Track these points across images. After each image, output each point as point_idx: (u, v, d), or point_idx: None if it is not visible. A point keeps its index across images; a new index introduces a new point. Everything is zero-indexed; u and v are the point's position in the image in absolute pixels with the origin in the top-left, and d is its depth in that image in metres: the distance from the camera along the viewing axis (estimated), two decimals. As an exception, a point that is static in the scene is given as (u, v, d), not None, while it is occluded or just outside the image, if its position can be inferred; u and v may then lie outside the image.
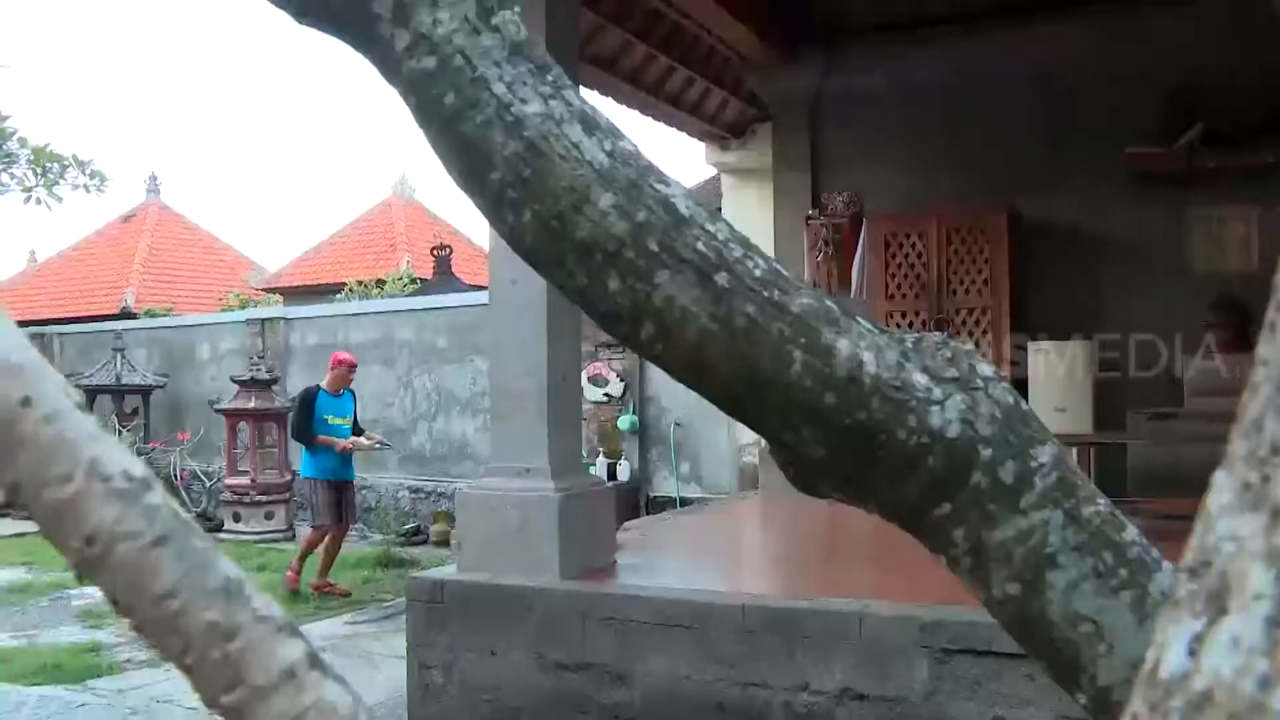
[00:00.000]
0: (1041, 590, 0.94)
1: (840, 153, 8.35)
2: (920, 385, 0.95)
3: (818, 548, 6.70)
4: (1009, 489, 0.94)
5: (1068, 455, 0.98)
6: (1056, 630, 0.93)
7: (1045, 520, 0.93)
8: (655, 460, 10.23)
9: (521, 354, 5.43)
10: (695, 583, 5.10)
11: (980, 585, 0.99)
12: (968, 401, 0.95)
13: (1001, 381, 0.97)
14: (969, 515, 0.95)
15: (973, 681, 4.22)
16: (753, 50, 8.10)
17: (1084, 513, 0.94)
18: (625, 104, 8.85)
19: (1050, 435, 0.98)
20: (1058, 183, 7.63)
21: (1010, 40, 7.80)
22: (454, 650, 5.27)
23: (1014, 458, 0.95)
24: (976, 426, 0.95)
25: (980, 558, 0.96)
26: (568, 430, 5.59)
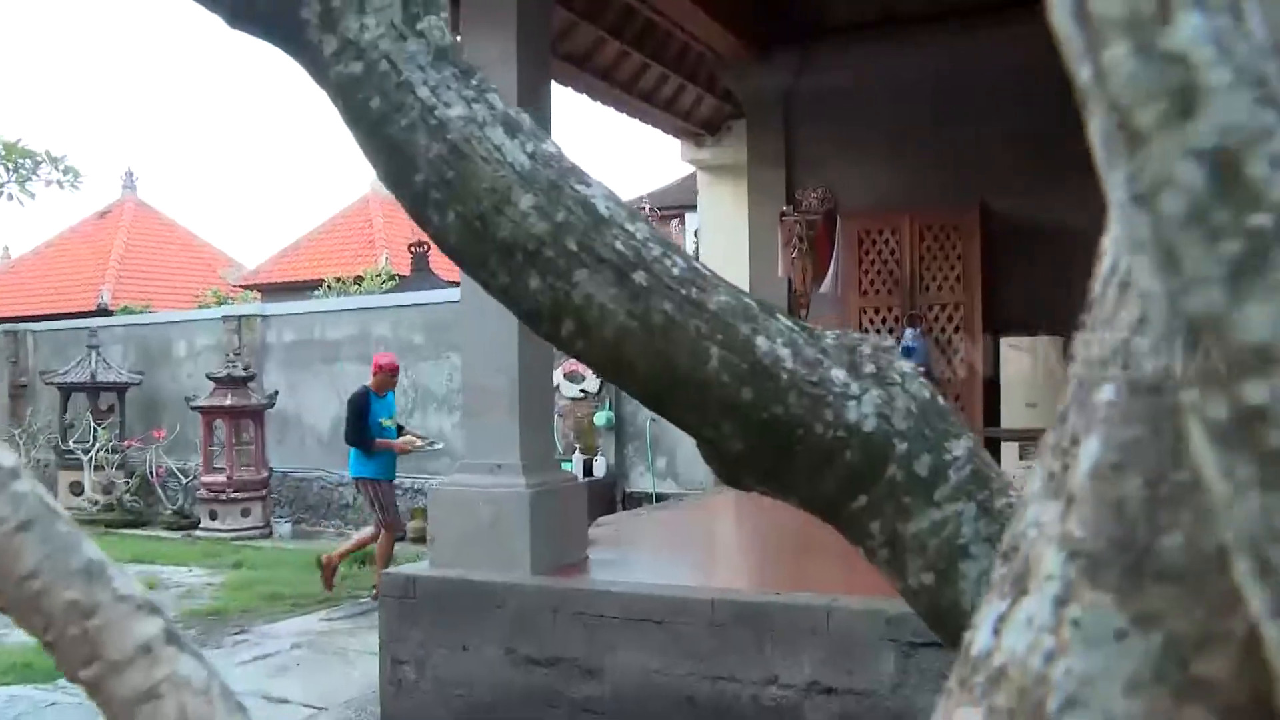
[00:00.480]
0: (954, 580, 0.96)
1: (814, 150, 8.38)
2: (838, 381, 0.97)
3: (788, 543, 6.74)
4: (924, 482, 0.96)
5: (981, 449, 1.01)
6: (968, 619, 0.96)
7: (959, 512, 0.95)
8: (631, 456, 10.25)
9: (493, 352, 5.45)
10: (666, 578, 5.14)
11: (897, 575, 1.01)
12: (884, 397, 0.98)
13: (919, 378, 1.00)
14: (885, 508, 0.97)
15: (938, 674, 4.24)
16: (727, 47, 8.13)
17: (996, 504, 0.97)
18: (599, 100, 8.87)
19: (965, 429, 1.00)
20: (1030, 180, 7.68)
21: (984, 39, 7.84)
22: (426, 646, 5.29)
23: (929, 451, 0.97)
24: (892, 421, 0.97)
25: (896, 549, 0.98)
26: (539, 427, 5.62)
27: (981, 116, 7.88)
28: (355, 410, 8.32)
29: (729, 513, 7.70)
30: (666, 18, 7.62)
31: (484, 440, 5.41)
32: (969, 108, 7.93)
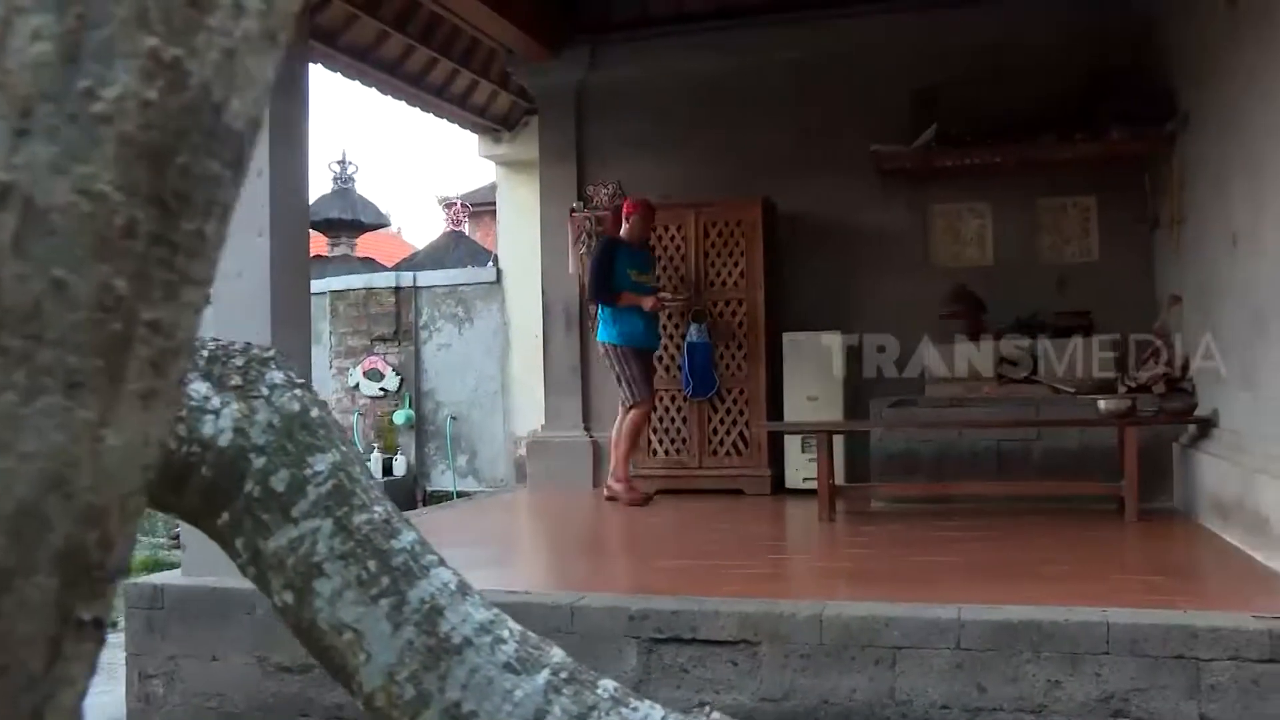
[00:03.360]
0: (311, 598, 0.95)
1: (605, 145, 8.41)
2: (198, 395, 0.94)
3: (545, 541, 6.77)
4: (281, 497, 0.94)
5: (354, 462, 0.99)
6: (326, 638, 0.94)
7: (315, 529, 0.94)
8: (432, 454, 10.12)
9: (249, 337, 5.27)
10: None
11: (266, 593, 0.99)
12: (244, 410, 0.95)
13: (292, 390, 0.97)
14: (245, 524, 0.95)
15: (680, 669, 4.30)
16: (517, 42, 8.07)
17: (355, 521, 0.95)
18: (390, 95, 8.71)
19: (336, 443, 0.98)
20: (811, 177, 7.86)
21: (768, 37, 8.01)
22: (175, 658, 5.09)
23: (288, 466, 0.95)
24: (250, 435, 0.95)
25: (260, 566, 0.96)
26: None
27: (765, 113, 8.03)
28: (597, 258, 7.19)
29: (501, 513, 7.67)
30: (452, 13, 7.51)
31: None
32: (753, 104, 8.07)
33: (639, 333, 7.13)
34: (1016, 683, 3.60)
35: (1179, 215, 6.51)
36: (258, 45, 0.51)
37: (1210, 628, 3.42)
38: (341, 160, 15.21)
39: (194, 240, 0.52)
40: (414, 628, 0.90)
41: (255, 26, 0.49)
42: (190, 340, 0.54)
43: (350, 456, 0.99)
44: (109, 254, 0.46)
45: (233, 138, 0.51)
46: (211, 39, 0.48)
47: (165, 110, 0.47)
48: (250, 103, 0.52)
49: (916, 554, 5.22)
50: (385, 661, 0.90)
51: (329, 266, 13.09)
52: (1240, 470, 4.94)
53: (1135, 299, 7.17)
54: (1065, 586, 4.18)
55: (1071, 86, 7.24)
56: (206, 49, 0.49)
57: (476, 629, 0.97)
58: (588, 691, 1.00)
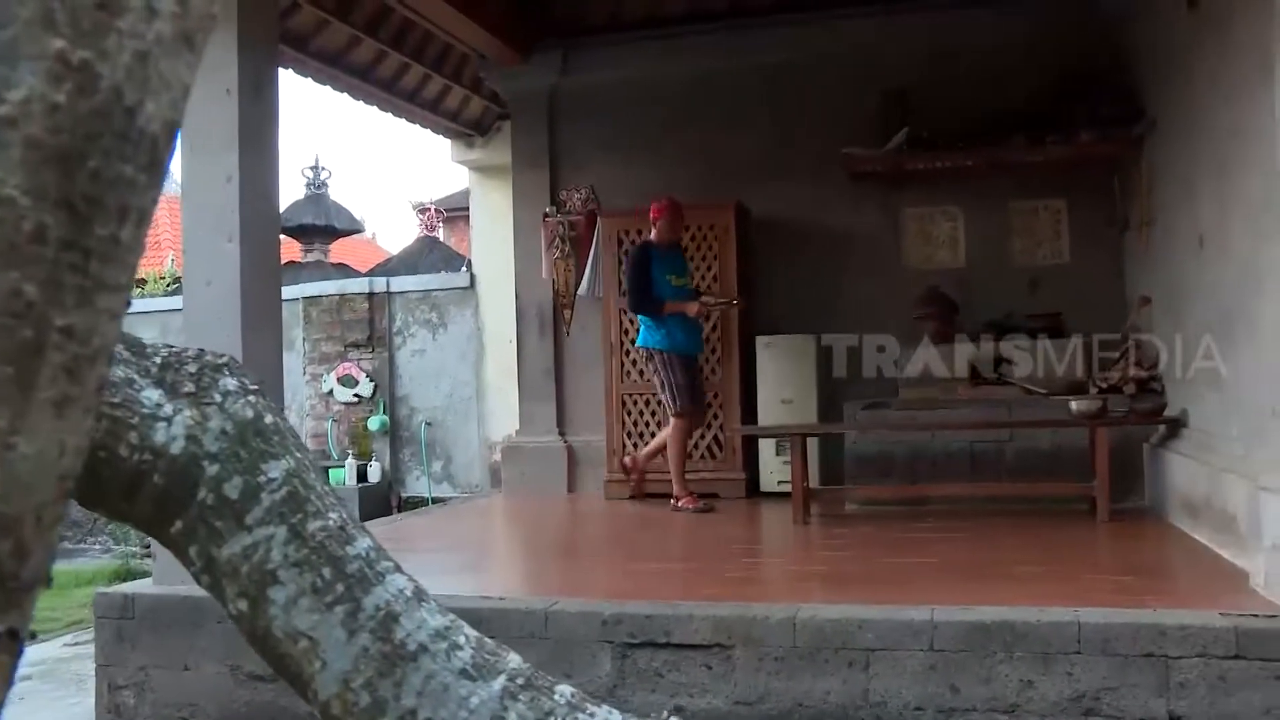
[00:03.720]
0: (265, 607, 0.94)
1: (578, 150, 8.40)
2: (150, 402, 0.93)
3: (520, 546, 6.76)
4: (234, 505, 0.93)
5: (309, 469, 0.98)
6: (282, 646, 0.94)
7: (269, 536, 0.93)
8: (407, 460, 10.08)
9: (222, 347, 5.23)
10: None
11: (220, 601, 0.98)
12: (197, 418, 0.94)
13: (247, 396, 0.96)
14: (198, 532, 0.94)
15: (654, 673, 4.29)
16: (490, 48, 8.05)
17: (309, 528, 0.94)
18: (362, 100, 8.69)
19: (290, 450, 0.97)
20: (784, 181, 7.88)
21: (739, 41, 8.03)
22: (146, 668, 5.05)
23: (242, 473, 0.94)
24: (203, 443, 0.94)
25: (214, 574, 0.95)
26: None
27: (739, 117, 8.04)
28: (633, 267, 6.92)
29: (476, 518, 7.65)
30: (423, 17, 7.49)
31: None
32: (727, 108, 8.09)
33: (681, 338, 6.92)
34: (989, 683, 3.61)
35: (1148, 217, 6.56)
36: (172, 48, 0.50)
37: (1179, 626, 3.44)
38: (315, 166, 15.14)
39: (108, 245, 0.51)
40: (369, 634, 0.89)
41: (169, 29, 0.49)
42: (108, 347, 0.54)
43: (305, 463, 0.99)
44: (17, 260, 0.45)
45: (147, 141, 0.51)
46: (122, 41, 0.48)
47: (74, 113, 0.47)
48: (166, 106, 0.51)
49: (890, 556, 5.23)
50: (340, 669, 0.89)
51: (302, 272, 13.03)
52: (1208, 469, 4.98)
53: (1106, 300, 7.22)
54: (1037, 587, 4.20)
55: (1041, 90, 7.29)
56: (117, 51, 0.48)
57: (432, 635, 0.96)
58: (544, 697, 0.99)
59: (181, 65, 0.51)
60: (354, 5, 7.51)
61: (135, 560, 9.82)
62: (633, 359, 7.76)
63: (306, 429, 10.43)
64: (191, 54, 0.53)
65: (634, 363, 7.76)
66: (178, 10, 0.50)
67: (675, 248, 7.11)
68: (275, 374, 5.52)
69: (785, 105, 8.02)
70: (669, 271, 6.95)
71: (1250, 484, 4.01)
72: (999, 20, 7.49)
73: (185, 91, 0.53)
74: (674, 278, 6.97)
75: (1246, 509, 4.03)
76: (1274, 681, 3.31)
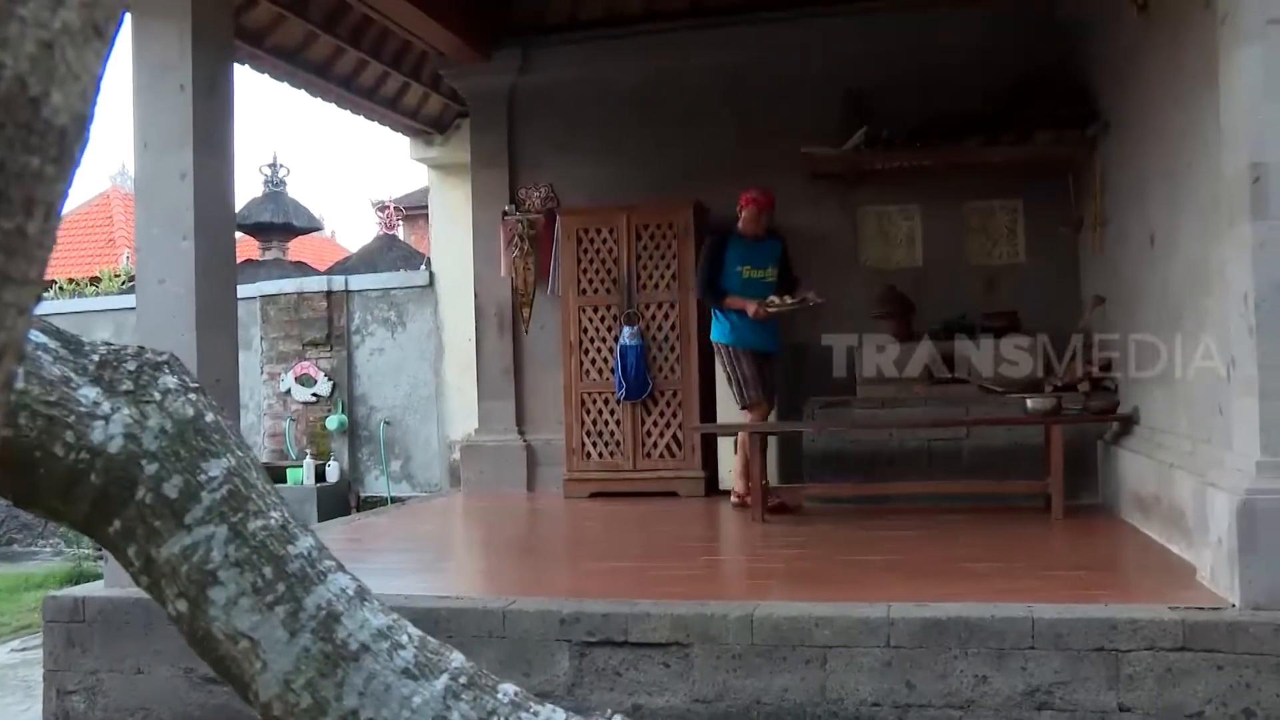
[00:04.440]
0: (205, 608, 0.93)
1: (537, 148, 8.39)
2: (87, 401, 0.92)
3: (479, 545, 6.73)
4: (173, 504, 0.92)
5: (251, 467, 0.97)
6: (222, 647, 0.93)
7: (209, 536, 0.92)
8: (366, 460, 10.02)
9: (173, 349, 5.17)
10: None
11: (160, 603, 0.97)
12: (136, 416, 0.93)
13: (187, 394, 0.95)
14: (137, 531, 0.93)
15: (613, 672, 4.29)
16: (448, 45, 8.01)
17: (250, 527, 0.93)
18: (320, 97, 8.62)
19: (231, 448, 0.96)
20: (744, 179, 7.86)
21: (700, 40, 8.05)
22: (97, 673, 4.98)
23: (182, 472, 0.93)
24: (142, 441, 0.93)
25: (153, 574, 0.94)
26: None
27: (697, 116, 8.06)
28: (706, 252, 6.69)
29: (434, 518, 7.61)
30: (382, 14, 7.43)
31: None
32: (685, 107, 8.10)
33: (746, 334, 6.68)
34: (945, 679, 3.64)
35: (1101, 217, 6.64)
36: (79, 37, 0.49)
37: (1129, 620, 3.49)
38: (273, 163, 15.00)
39: (14, 239, 0.50)
40: (310, 634, 0.88)
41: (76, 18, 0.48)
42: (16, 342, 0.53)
43: (246, 461, 0.98)
44: (-83, 252, 0.44)
45: (54, 133, 0.50)
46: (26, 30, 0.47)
47: (-27, 104, 0.46)
48: (75, 97, 0.50)
49: (848, 553, 5.27)
50: (281, 669, 0.88)
51: (260, 270, 12.90)
52: (1158, 466, 5.05)
53: (1061, 299, 7.30)
54: (992, 583, 4.24)
55: (997, 91, 7.35)
56: (20, 40, 0.47)
57: (374, 635, 0.96)
58: (487, 696, 0.99)
59: (90, 55, 0.50)
60: (311, 1, 7.45)
61: (88, 563, 9.68)
62: (591, 358, 7.75)
63: (264, 428, 10.33)
64: (101, 43, 0.52)
65: (593, 361, 7.76)
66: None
67: (763, 240, 6.81)
68: (230, 373, 5.46)
69: (745, 104, 8.04)
70: (744, 262, 6.71)
71: (1198, 480, 4.08)
72: (956, 22, 7.55)
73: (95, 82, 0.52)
74: (748, 269, 6.72)
75: (1194, 504, 4.09)
76: (1217, 671, 3.37)
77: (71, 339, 0.98)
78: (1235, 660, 3.37)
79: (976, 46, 7.53)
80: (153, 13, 5.12)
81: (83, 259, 18.61)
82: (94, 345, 0.98)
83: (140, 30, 5.11)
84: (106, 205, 20.31)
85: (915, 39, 7.63)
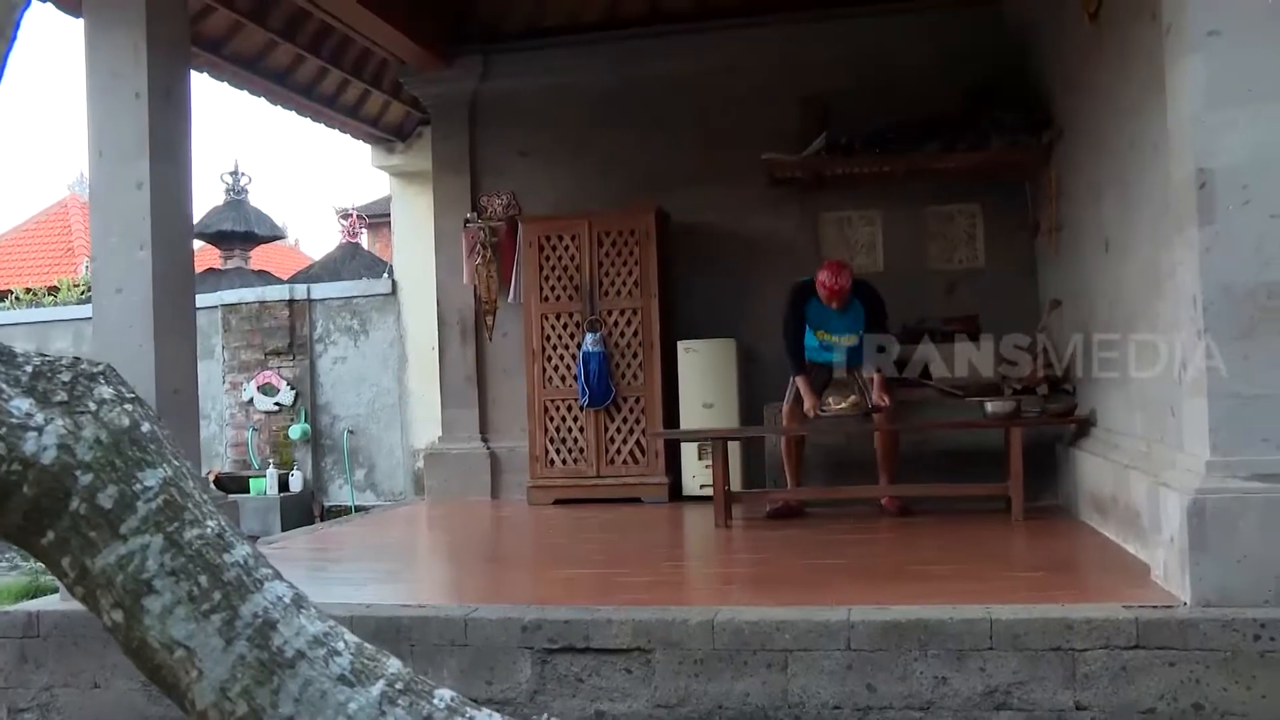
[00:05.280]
0: (140, 617, 0.93)
1: (498, 156, 8.39)
2: (19, 412, 0.92)
3: (442, 553, 6.72)
4: (109, 515, 0.92)
5: (188, 476, 0.97)
6: (157, 656, 0.93)
7: (145, 545, 0.92)
8: (330, 469, 9.97)
9: (128, 366, 5.12)
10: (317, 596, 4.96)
11: (95, 613, 0.97)
12: (70, 426, 0.93)
13: (123, 405, 0.95)
14: (71, 542, 0.93)
15: (575, 678, 4.28)
16: (409, 53, 8.01)
17: (186, 536, 0.94)
18: (280, 105, 8.57)
19: (167, 458, 0.96)
20: (705, 186, 7.93)
21: (661, 47, 8.08)
22: (52, 689, 4.91)
23: (117, 482, 0.93)
24: (76, 452, 0.93)
25: (88, 585, 0.94)
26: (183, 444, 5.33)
27: (659, 123, 8.09)
28: (786, 309, 6.51)
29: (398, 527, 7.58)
30: (342, 22, 7.42)
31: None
32: (647, 114, 8.13)
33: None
34: (905, 680, 3.67)
35: (1057, 223, 6.72)
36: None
37: (1085, 619, 3.53)
38: (234, 171, 14.89)
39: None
40: (246, 642, 0.89)
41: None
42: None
43: (183, 470, 0.98)
44: None
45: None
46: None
47: None
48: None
49: (809, 557, 5.29)
50: (217, 677, 0.89)
51: (222, 279, 12.81)
52: (1114, 467, 5.12)
53: (1020, 303, 7.37)
54: (952, 585, 4.28)
55: (955, 98, 7.43)
56: None
57: (310, 642, 0.96)
58: (424, 701, 0.99)
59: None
60: (270, 8, 7.41)
61: (45, 577, 9.55)
62: (554, 365, 7.76)
63: (227, 438, 10.25)
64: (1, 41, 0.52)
65: (556, 368, 7.77)
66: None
67: (853, 308, 6.47)
68: (190, 382, 5.42)
69: (705, 111, 8.09)
70: (820, 326, 6.53)
71: (1151, 480, 4.13)
72: (915, 30, 7.64)
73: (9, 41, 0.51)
74: (823, 333, 6.54)
75: (1148, 504, 4.15)
76: (1169, 668, 3.42)
77: (3, 350, 0.97)
78: (1186, 657, 3.42)
79: (934, 53, 7.61)
80: (107, 19, 5.08)
81: (41, 268, 18.42)
82: (27, 356, 0.98)
83: (94, 37, 5.07)
84: (64, 214, 20.10)
85: (873, 46, 7.70)
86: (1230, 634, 3.41)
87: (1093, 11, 5.39)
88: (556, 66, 8.25)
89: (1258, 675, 3.37)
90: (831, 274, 6.37)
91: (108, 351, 5.18)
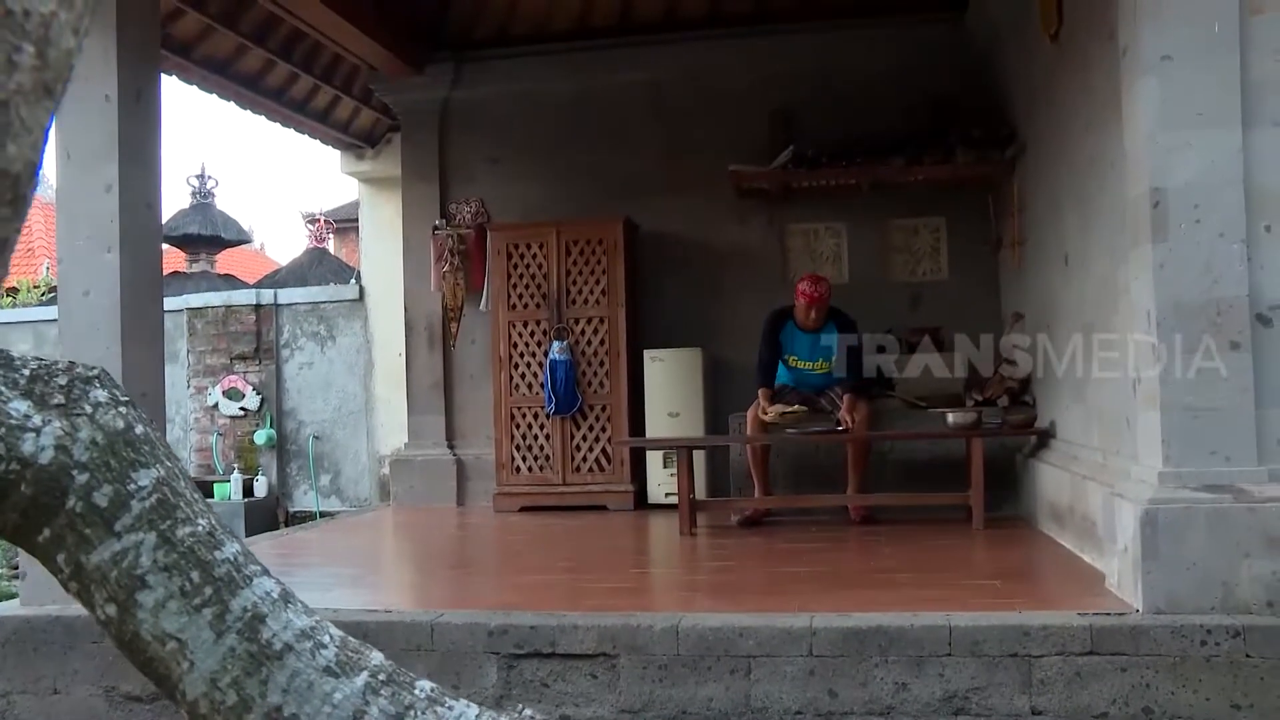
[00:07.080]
0: (134, 611, 0.97)
1: (467, 163, 8.43)
2: (18, 413, 0.96)
3: (408, 559, 6.73)
4: (103, 513, 0.96)
5: (179, 477, 1.02)
6: (150, 649, 0.97)
7: (139, 542, 0.97)
8: (295, 475, 9.94)
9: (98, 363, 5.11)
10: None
11: (89, 608, 1.01)
12: (67, 428, 0.97)
13: (117, 408, 0.99)
14: (67, 540, 0.97)
15: (540, 683, 4.32)
16: (380, 60, 8.02)
17: (178, 533, 0.98)
18: (249, 109, 8.56)
19: (160, 458, 1.00)
20: (672, 196, 8.00)
21: (630, 58, 8.15)
22: (9, 695, 4.88)
23: (112, 482, 0.97)
24: (73, 453, 0.97)
25: (82, 581, 0.98)
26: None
27: (627, 132, 8.16)
28: (762, 333, 6.64)
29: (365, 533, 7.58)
30: (312, 27, 7.42)
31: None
32: (615, 123, 8.19)
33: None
34: (866, 686, 3.74)
35: (1019, 237, 6.84)
36: (32, 96, 0.54)
37: (1041, 626, 3.61)
38: (201, 175, 14.81)
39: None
40: (236, 635, 0.93)
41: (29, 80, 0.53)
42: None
43: (175, 471, 1.02)
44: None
45: (9, 179, 0.54)
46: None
47: (-59, 155, 0.50)
48: (27, 148, 0.55)
49: (773, 565, 5.36)
50: (208, 669, 0.93)
51: (188, 283, 12.74)
52: (1072, 478, 5.22)
53: (983, 316, 7.48)
54: (912, 592, 4.36)
55: (919, 112, 7.55)
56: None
57: (298, 635, 1.00)
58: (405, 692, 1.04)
59: (40, 111, 0.55)
60: (241, 13, 7.41)
61: (4, 583, 9.46)
62: (521, 372, 7.79)
63: (191, 442, 10.20)
64: (50, 101, 0.57)
65: (522, 376, 7.81)
66: (37, 63, 0.53)
67: (818, 331, 6.62)
68: (156, 386, 5.41)
69: (673, 122, 8.16)
70: (792, 351, 6.67)
71: (1107, 490, 4.23)
72: (880, 44, 7.75)
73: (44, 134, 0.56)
74: (795, 359, 6.67)
75: (1103, 514, 4.24)
76: (1120, 673, 3.51)
77: (2, 354, 1.01)
78: (1137, 662, 3.51)
79: (900, 66, 7.73)
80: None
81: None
82: (24, 360, 1.02)
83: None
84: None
85: (840, 59, 7.81)
86: (1179, 640, 3.50)
87: (1053, 33, 5.51)
88: (526, 75, 8.30)
89: (1204, 679, 3.47)
90: (811, 283, 6.59)
91: (75, 354, 5.17)
